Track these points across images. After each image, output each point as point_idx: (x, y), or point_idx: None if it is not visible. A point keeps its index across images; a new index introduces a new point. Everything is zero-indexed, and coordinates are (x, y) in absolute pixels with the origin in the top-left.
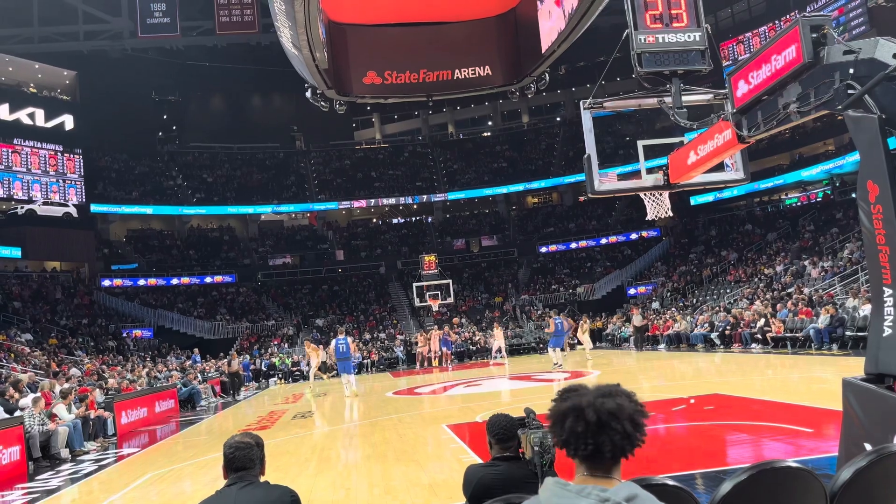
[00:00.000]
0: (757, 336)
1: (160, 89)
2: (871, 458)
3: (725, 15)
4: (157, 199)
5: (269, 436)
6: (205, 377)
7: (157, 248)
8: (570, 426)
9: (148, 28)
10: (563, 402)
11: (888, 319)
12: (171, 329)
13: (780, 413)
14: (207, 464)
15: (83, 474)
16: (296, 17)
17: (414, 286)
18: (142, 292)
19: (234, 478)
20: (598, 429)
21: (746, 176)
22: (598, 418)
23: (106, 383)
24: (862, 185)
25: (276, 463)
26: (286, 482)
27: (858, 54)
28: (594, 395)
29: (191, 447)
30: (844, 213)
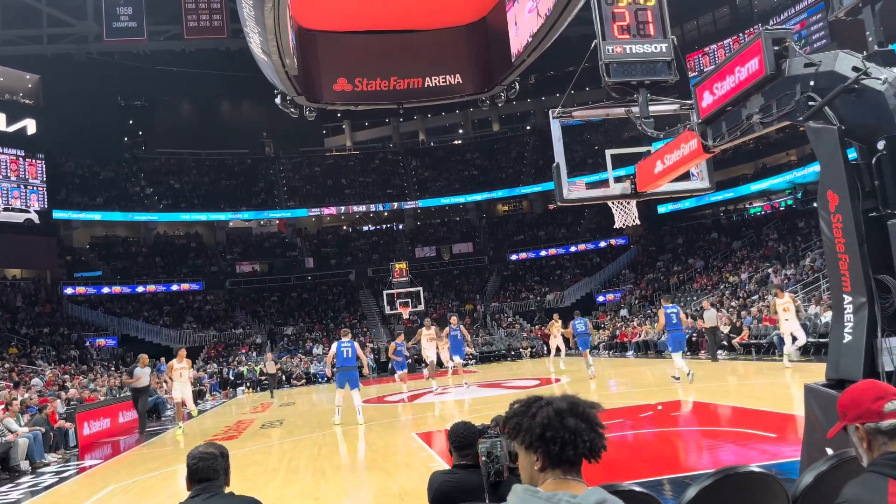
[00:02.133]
0: (723, 343)
1: (126, 94)
2: (832, 463)
3: (691, 27)
4: (122, 206)
5: (237, 445)
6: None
7: (121, 256)
8: (574, 425)
9: (114, 32)
10: (549, 404)
11: (848, 326)
12: (136, 338)
13: (745, 418)
14: (172, 475)
15: (43, 487)
16: (265, 23)
17: (384, 294)
18: (106, 300)
19: (198, 489)
20: (591, 427)
21: (712, 185)
22: (593, 416)
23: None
24: (822, 194)
25: (243, 473)
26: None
27: (819, 67)
28: (572, 398)
29: (155, 458)
30: (807, 222)
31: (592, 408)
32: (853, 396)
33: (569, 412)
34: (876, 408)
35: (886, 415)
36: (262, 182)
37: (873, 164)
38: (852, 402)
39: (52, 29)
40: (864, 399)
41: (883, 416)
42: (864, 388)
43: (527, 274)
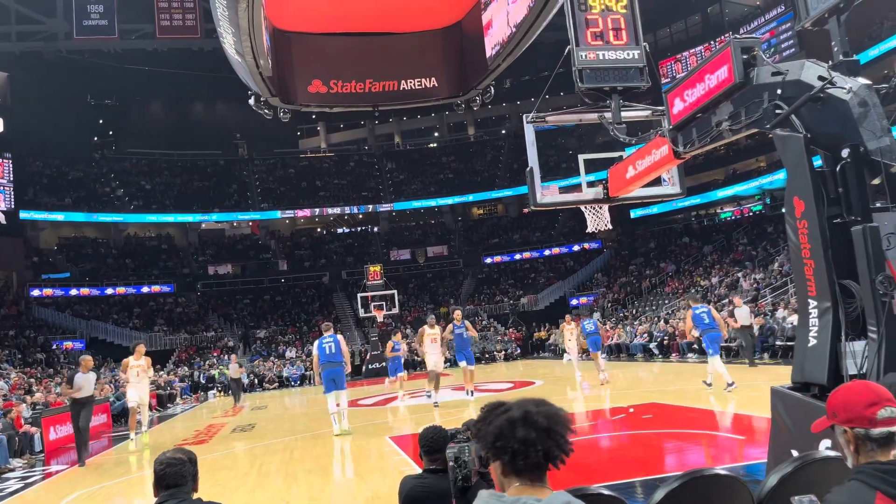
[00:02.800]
0: (694, 346)
1: (97, 93)
2: (796, 465)
3: (664, 34)
4: (91, 206)
5: (207, 450)
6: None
7: (90, 257)
8: (523, 435)
9: (84, 30)
10: (506, 412)
11: (813, 330)
12: (104, 341)
13: (714, 421)
14: (140, 481)
15: (8, 493)
16: (239, 23)
17: (359, 296)
18: (74, 302)
19: (165, 496)
20: (547, 434)
21: (682, 190)
22: (547, 424)
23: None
24: (789, 201)
25: (213, 478)
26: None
27: (786, 76)
28: (533, 404)
29: (122, 464)
30: (776, 227)
31: (550, 416)
32: (846, 398)
33: (521, 421)
34: (868, 414)
35: (879, 422)
36: (236, 183)
37: (838, 171)
38: (845, 404)
39: (20, 26)
40: (857, 403)
41: (875, 423)
42: (857, 391)
43: (501, 277)
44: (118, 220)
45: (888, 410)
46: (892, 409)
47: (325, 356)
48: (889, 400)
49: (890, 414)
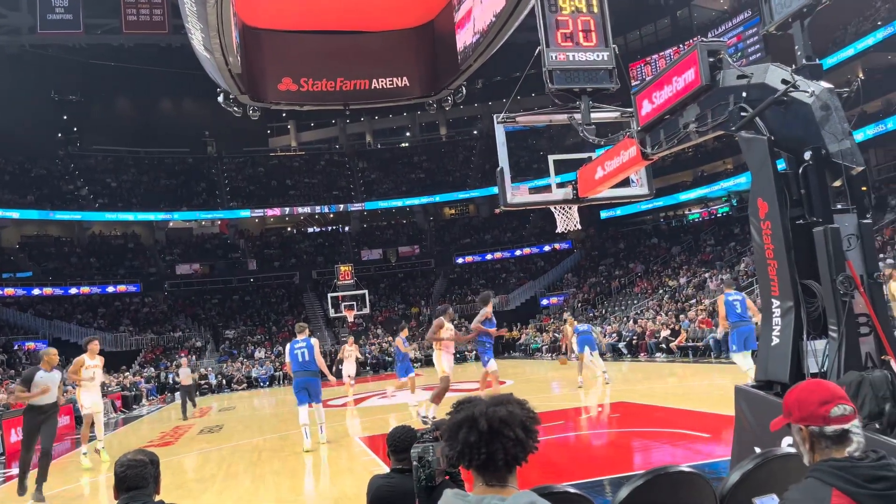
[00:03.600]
0: (661, 346)
1: (61, 88)
2: (757, 462)
3: (634, 37)
4: (55, 204)
5: (173, 452)
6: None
7: (54, 256)
8: (464, 437)
9: (48, 24)
10: (457, 413)
11: (776, 329)
12: (68, 341)
13: (681, 419)
14: (104, 483)
15: None
16: (208, 19)
17: (329, 296)
18: (36, 302)
19: (126, 498)
20: (491, 437)
21: (651, 192)
22: (490, 426)
23: None
24: (753, 202)
25: (178, 480)
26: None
27: (751, 79)
28: (486, 405)
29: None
30: (742, 229)
31: (499, 418)
32: (800, 397)
33: (467, 422)
34: (822, 412)
35: (832, 420)
36: (204, 182)
37: (800, 173)
38: (798, 402)
39: None
40: (810, 401)
41: (828, 420)
42: (811, 390)
43: (473, 277)
44: (83, 219)
45: (841, 408)
46: (845, 406)
47: (298, 363)
48: (842, 398)
49: (843, 412)
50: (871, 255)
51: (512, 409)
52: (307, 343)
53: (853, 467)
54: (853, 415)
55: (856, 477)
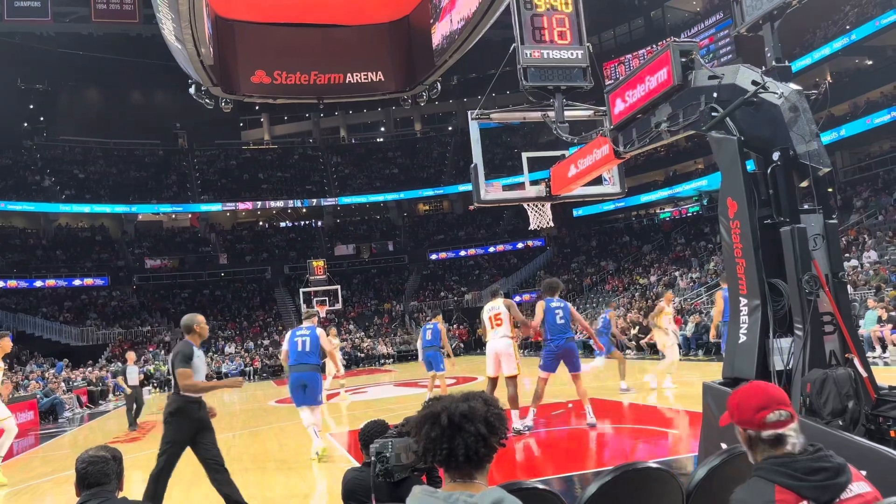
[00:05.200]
0: (631, 342)
1: (27, 77)
2: (723, 458)
3: (608, 36)
4: (19, 195)
5: (140, 448)
6: (70, 386)
7: (18, 248)
8: (426, 432)
9: (15, 11)
10: (423, 411)
11: (743, 327)
12: (33, 335)
13: (650, 416)
14: (68, 480)
15: None
16: (179, 9)
17: (301, 291)
18: (0, 295)
19: (87, 495)
20: (452, 432)
21: (623, 190)
22: (451, 422)
23: None
24: (722, 201)
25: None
26: None
27: (722, 79)
28: (450, 401)
29: (50, 462)
30: (712, 228)
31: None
32: (740, 401)
33: (430, 418)
34: (758, 418)
35: (767, 425)
36: (175, 174)
37: (769, 174)
38: (738, 406)
39: None
40: (748, 406)
41: (764, 426)
42: (750, 395)
43: (446, 273)
44: (49, 210)
45: (776, 414)
46: (781, 412)
47: (296, 354)
48: (780, 403)
49: (778, 417)
50: (837, 255)
51: (475, 404)
52: (312, 332)
53: (793, 462)
54: (790, 420)
55: (796, 471)
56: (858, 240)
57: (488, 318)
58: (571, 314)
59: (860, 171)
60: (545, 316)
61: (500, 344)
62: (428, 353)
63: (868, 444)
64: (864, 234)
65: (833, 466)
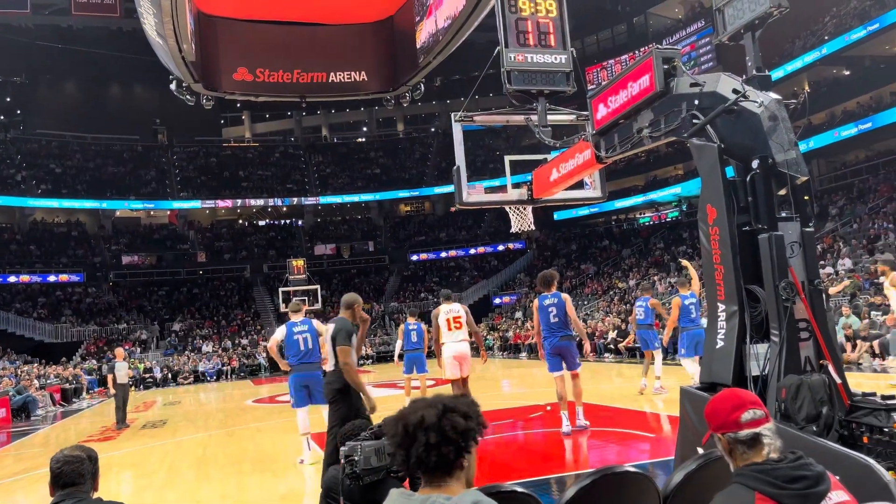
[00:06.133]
0: (610, 346)
1: (4, 69)
2: (700, 462)
3: (591, 42)
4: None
5: (114, 447)
6: (43, 384)
7: None
8: (391, 437)
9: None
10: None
11: (721, 333)
12: (5, 331)
13: (628, 419)
14: (40, 479)
15: None
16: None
17: (280, 291)
18: None
19: (62, 495)
20: (408, 440)
21: (604, 194)
22: (405, 430)
23: None
24: (702, 208)
25: (119, 476)
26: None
27: (703, 87)
28: (411, 408)
29: (22, 460)
30: (691, 233)
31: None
32: (714, 407)
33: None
34: (734, 418)
35: (744, 424)
36: (154, 170)
37: (748, 181)
38: (713, 412)
39: None
40: (722, 410)
41: (741, 425)
42: (723, 399)
43: (427, 275)
44: (24, 205)
45: (751, 413)
46: (755, 411)
47: (299, 353)
48: (753, 403)
49: (752, 416)
50: (813, 262)
51: (426, 413)
52: (310, 326)
53: (773, 469)
54: (765, 418)
55: (776, 479)
56: (833, 247)
57: (446, 321)
58: (566, 311)
59: (836, 180)
60: (539, 315)
61: (462, 346)
62: (414, 355)
63: (841, 449)
64: (839, 242)
65: (813, 475)
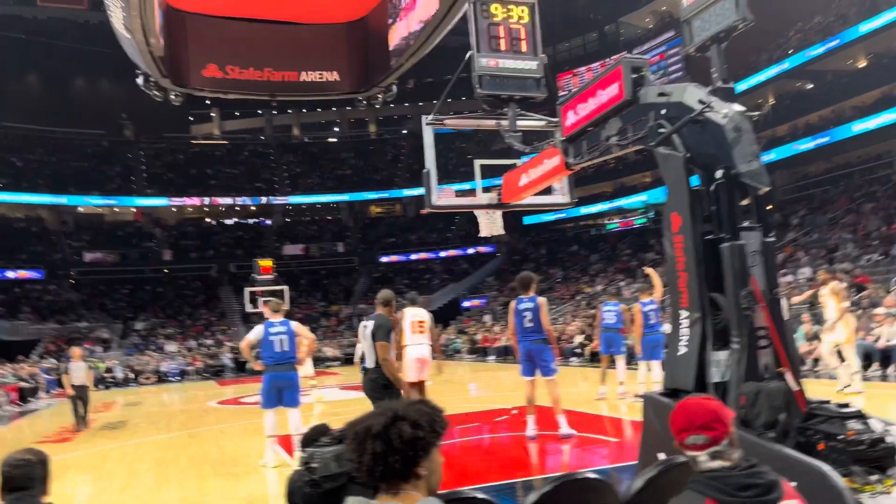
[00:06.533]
0: (576, 350)
1: None
2: (660, 468)
3: (563, 48)
4: None
5: (71, 448)
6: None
7: None
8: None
9: None
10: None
11: (683, 339)
12: None
13: (592, 424)
14: None
15: None
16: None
17: (247, 291)
18: None
19: (10, 500)
20: (359, 448)
21: (572, 200)
22: (355, 438)
23: None
24: (667, 216)
25: (75, 479)
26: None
27: (670, 97)
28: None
29: None
30: (658, 240)
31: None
32: (672, 417)
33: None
34: (680, 438)
35: (686, 447)
36: (119, 166)
37: (712, 191)
38: (671, 421)
39: None
40: (674, 424)
41: (684, 447)
42: (678, 413)
43: (396, 277)
44: None
45: (694, 438)
46: (698, 436)
47: (275, 353)
48: (701, 428)
49: (694, 441)
50: (773, 271)
51: (372, 422)
52: (288, 327)
53: (726, 477)
54: (707, 444)
55: (727, 486)
56: (794, 256)
57: (410, 324)
58: (540, 315)
59: (798, 191)
60: (514, 318)
61: (425, 350)
62: None
63: (798, 455)
64: (799, 252)
65: (765, 483)
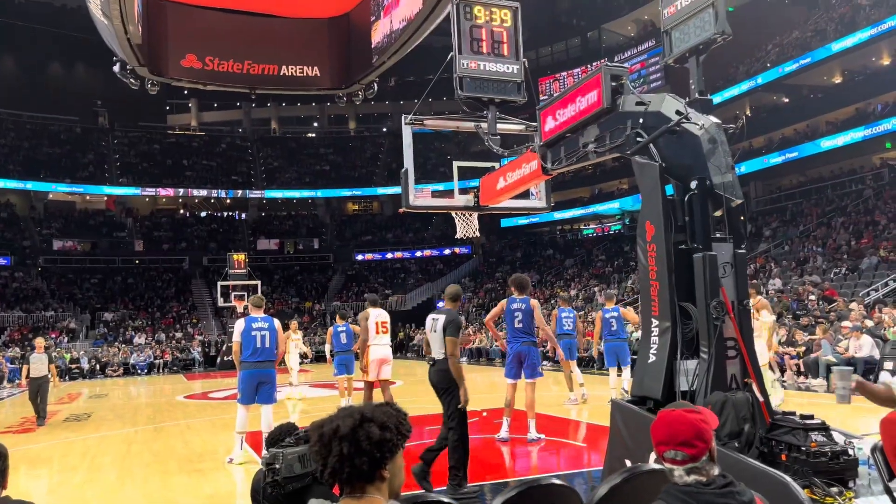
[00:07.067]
0: (549, 354)
1: None
2: (625, 476)
3: (545, 53)
4: None
5: (33, 439)
6: None
7: None
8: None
9: None
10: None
11: (653, 347)
12: None
13: (562, 428)
14: None
15: None
16: None
17: (219, 284)
18: None
19: None
20: (324, 450)
21: (548, 205)
22: (321, 439)
23: None
24: (641, 224)
25: (36, 471)
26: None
27: (648, 106)
28: (329, 418)
29: None
30: (632, 247)
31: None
32: (653, 428)
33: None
34: (659, 451)
35: (664, 460)
36: (92, 154)
37: (686, 201)
38: (652, 432)
39: None
40: (654, 435)
41: (662, 459)
42: (658, 426)
43: (371, 275)
44: None
45: (672, 453)
46: (677, 452)
47: (255, 350)
48: (680, 444)
49: (673, 456)
50: (743, 283)
51: (340, 423)
52: (270, 324)
53: (698, 493)
54: (685, 461)
55: (699, 503)
56: (766, 268)
57: (375, 324)
58: (534, 316)
59: (771, 203)
60: (505, 318)
61: (388, 350)
62: (345, 357)
63: (760, 466)
64: (770, 263)
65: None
